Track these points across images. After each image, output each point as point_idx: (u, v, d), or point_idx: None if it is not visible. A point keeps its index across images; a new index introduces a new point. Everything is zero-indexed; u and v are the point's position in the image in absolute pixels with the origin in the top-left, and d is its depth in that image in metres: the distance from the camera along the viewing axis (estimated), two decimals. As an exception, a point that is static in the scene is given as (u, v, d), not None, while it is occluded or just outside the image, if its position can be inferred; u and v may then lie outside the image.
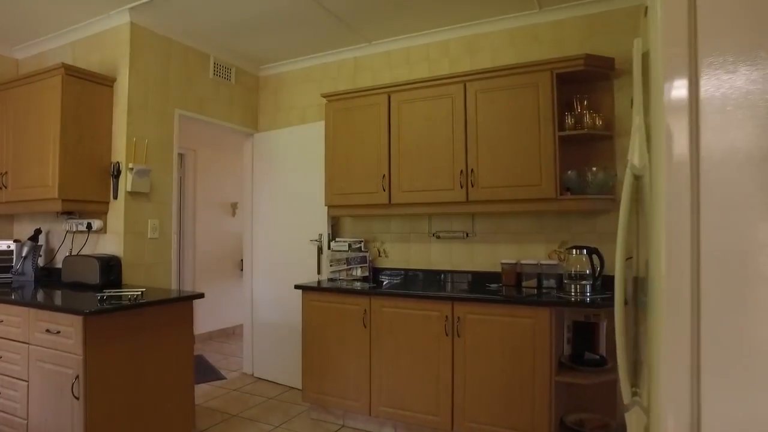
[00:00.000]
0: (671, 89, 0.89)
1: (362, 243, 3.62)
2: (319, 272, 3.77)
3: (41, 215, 3.53)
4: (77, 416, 2.18)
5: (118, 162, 3.15)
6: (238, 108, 4.10)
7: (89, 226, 3.16)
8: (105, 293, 2.52)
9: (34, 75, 3.04)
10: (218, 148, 5.75)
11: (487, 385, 2.68)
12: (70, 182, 2.95)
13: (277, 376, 3.98)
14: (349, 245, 3.55)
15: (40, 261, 3.42)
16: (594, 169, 2.81)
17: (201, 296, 2.77)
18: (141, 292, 2.59)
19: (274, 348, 4.01)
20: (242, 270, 4.45)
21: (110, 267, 2.98)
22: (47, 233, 3.52)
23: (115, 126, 3.20)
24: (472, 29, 3.40)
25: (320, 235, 3.77)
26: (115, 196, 3.16)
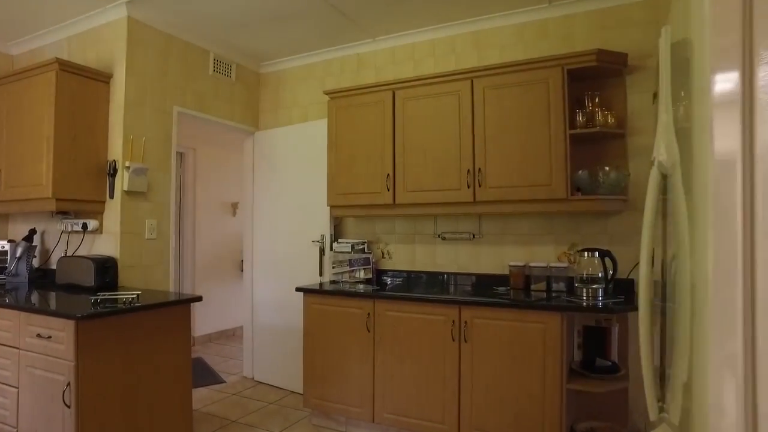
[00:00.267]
0: (720, 81, 0.80)
1: (365, 244, 3.52)
2: (321, 274, 3.67)
3: (36, 215, 3.44)
4: (68, 425, 2.09)
5: (115, 160, 3.06)
6: (239, 105, 4.01)
7: (85, 227, 3.07)
8: (99, 296, 2.43)
9: (28, 70, 2.95)
10: (218, 147, 5.66)
11: (495, 392, 2.59)
12: (65, 181, 2.85)
13: (278, 380, 3.89)
14: (352, 246, 3.46)
15: (35, 262, 3.34)
16: (606, 169, 2.71)
17: (199, 299, 2.68)
18: (137, 295, 2.50)
19: (275, 351, 3.91)
20: (242, 271, 4.36)
21: (106, 269, 2.89)
22: (42, 233, 3.43)
23: (112, 123, 3.10)
24: (480, 24, 3.30)
25: (322, 236, 3.68)
26: (112, 196, 3.07)
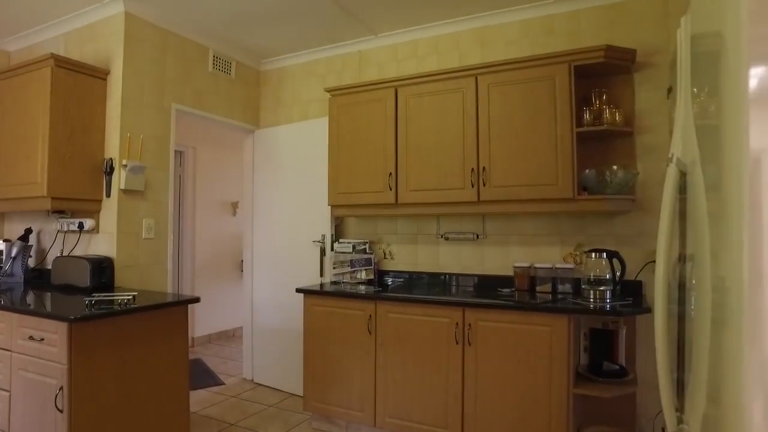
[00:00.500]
0: (757, 75, 0.73)
1: (367, 244, 3.46)
2: (322, 275, 3.61)
3: (32, 214, 3.38)
4: (60, 431, 2.03)
5: (111, 158, 3.00)
6: (239, 103, 3.95)
7: (81, 226, 3.01)
8: (94, 297, 2.37)
9: (22, 66, 2.89)
10: (218, 146, 5.61)
11: (500, 397, 2.52)
12: (60, 179, 2.79)
13: (278, 383, 3.83)
14: (354, 247, 3.40)
15: (31, 262, 3.27)
16: (614, 168, 2.64)
17: (196, 300, 2.62)
18: (133, 296, 2.44)
19: (275, 353, 3.85)
20: (242, 271, 4.30)
21: (102, 269, 2.83)
22: (38, 233, 3.37)
23: (109, 121, 3.04)
24: (484, 21, 3.23)
25: (323, 236, 3.61)
26: (108, 195, 3.00)
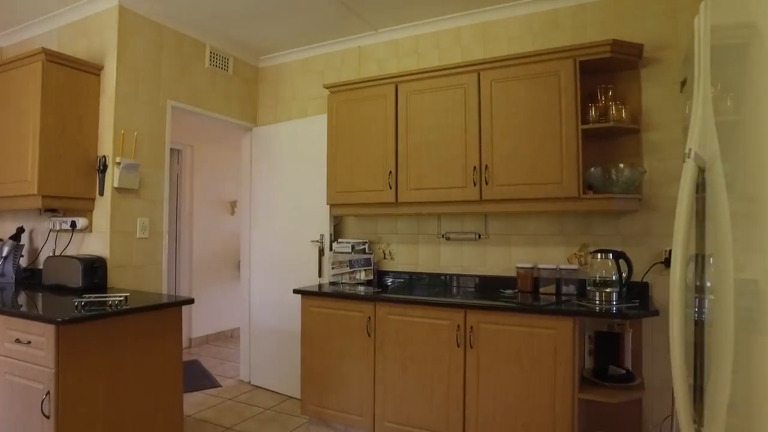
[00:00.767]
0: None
1: (366, 244, 3.39)
2: (321, 275, 3.53)
3: (24, 213, 3.31)
4: (48, 437, 1.96)
5: (105, 156, 2.92)
6: (236, 100, 3.87)
7: (73, 225, 2.94)
8: (84, 298, 2.30)
9: (13, 61, 2.81)
10: (217, 144, 5.53)
11: (502, 402, 2.45)
12: (52, 177, 2.72)
13: (275, 385, 3.75)
14: (353, 247, 3.32)
15: (23, 261, 3.21)
16: (620, 166, 2.57)
17: (190, 302, 2.55)
18: (124, 297, 2.36)
19: (273, 354, 3.78)
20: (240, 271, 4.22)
21: (94, 269, 2.76)
22: (31, 232, 3.30)
23: (102, 117, 2.97)
24: (486, 15, 3.16)
25: (322, 236, 3.54)
26: (102, 193, 2.93)
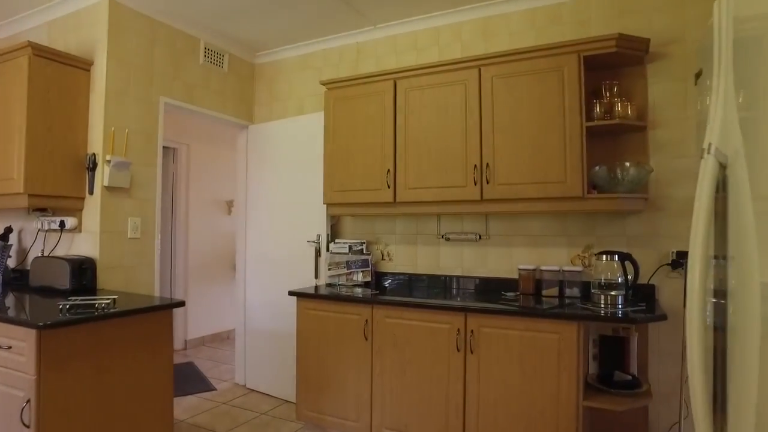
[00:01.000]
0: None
1: (364, 245, 3.30)
2: (317, 276, 3.45)
3: (12, 212, 3.22)
4: (28, 446, 1.87)
5: (95, 153, 2.84)
6: (232, 97, 3.79)
7: (62, 225, 2.86)
8: (69, 301, 2.21)
9: (-1, 55, 2.74)
10: (212, 143, 5.45)
11: (504, 408, 2.36)
12: (39, 175, 2.64)
13: (271, 388, 3.67)
14: (350, 247, 3.24)
15: (11, 262, 3.12)
16: (626, 164, 2.48)
17: (181, 304, 2.46)
18: (112, 300, 2.28)
19: (268, 357, 3.69)
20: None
21: (83, 270, 2.67)
22: (19, 231, 3.22)
23: (92, 114, 2.89)
24: (487, 10, 3.07)
25: (318, 236, 3.46)
26: (91, 192, 2.85)
